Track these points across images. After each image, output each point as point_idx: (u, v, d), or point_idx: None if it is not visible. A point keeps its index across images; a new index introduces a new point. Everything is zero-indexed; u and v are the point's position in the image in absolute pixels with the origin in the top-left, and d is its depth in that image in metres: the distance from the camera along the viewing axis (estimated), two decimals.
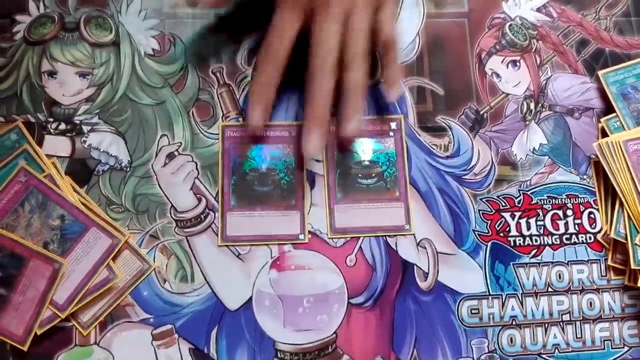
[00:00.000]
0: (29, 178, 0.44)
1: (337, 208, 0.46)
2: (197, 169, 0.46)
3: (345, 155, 0.47)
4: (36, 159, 0.45)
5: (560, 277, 0.46)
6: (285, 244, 0.45)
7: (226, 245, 0.45)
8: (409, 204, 0.46)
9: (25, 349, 0.42)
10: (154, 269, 0.44)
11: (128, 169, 0.46)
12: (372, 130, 0.48)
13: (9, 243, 0.43)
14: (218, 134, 0.47)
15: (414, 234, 0.46)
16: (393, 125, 0.48)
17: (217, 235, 0.45)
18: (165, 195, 0.46)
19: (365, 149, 0.47)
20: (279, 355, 0.44)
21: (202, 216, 0.46)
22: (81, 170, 0.46)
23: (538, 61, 0.51)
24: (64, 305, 0.42)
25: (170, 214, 0.45)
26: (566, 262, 0.47)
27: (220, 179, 0.46)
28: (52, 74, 0.48)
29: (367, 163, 0.47)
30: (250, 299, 0.44)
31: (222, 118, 0.48)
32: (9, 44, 0.48)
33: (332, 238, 0.45)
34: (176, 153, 0.47)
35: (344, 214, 0.46)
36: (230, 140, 0.47)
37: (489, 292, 0.46)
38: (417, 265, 0.46)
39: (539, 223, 0.47)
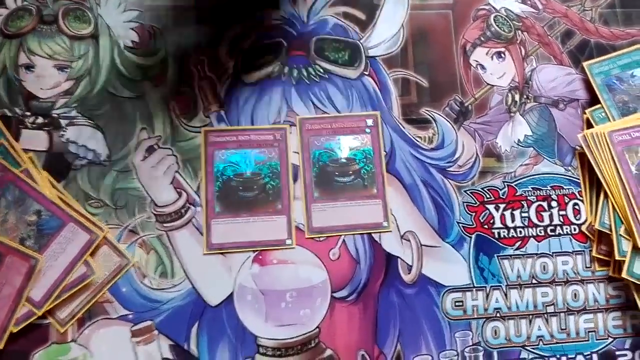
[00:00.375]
0: (5, 173, 0.43)
1: (315, 207, 0.45)
2: (177, 162, 0.46)
3: (321, 153, 0.46)
4: (13, 153, 0.44)
5: (544, 269, 0.46)
6: (272, 249, 0.44)
7: (212, 254, 0.44)
8: (388, 199, 0.46)
9: (0, 347, 0.41)
10: (133, 264, 0.44)
11: (107, 163, 0.45)
12: (349, 127, 0.47)
13: None
14: (199, 127, 0.47)
15: (397, 228, 0.46)
16: (370, 121, 0.47)
17: (202, 237, 0.44)
18: (145, 189, 0.45)
19: (342, 146, 0.47)
20: (261, 350, 0.43)
21: (183, 210, 0.45)
22: (59, 164, 0.45)
23: (523, 52, 0.51)
24: (41, 302, 0.41)
25: (150, 208, 0.45)
26: (551, 253, 0.47)
27: (204, 186, 0.45)
28: (29, 67, 0.47)
29: (344, 160, 0.46)
30: (232, 294, 0.44)
31: (202, 111, 0.47)
32: None
33: (310, 238, 0.45)
34: (156, 146, 0.46)
35: (321, 213, 0.45)
36: (214, 146, 0.46)
37: (473, 284, 0.46)
38: (401, 258, 0.46)
39: (523, 215, 0.47)
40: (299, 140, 0.46)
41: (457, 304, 0.45)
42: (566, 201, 0.48)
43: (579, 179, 0.48)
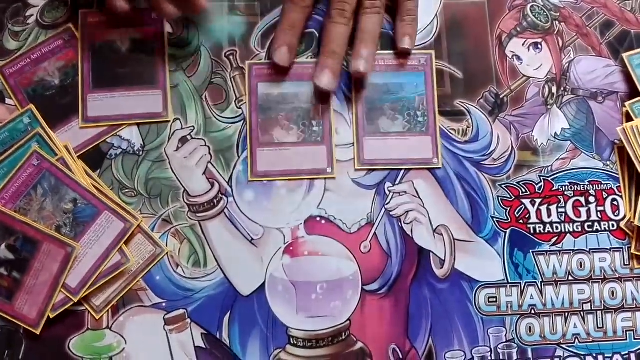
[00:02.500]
0: (41, 161, 0.44)
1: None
2: (210, 153, 0.46)
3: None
4: (49, 142, 0.45)
5: (581, 266, 0.45)
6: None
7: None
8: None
9: (38, 332, 0.42)
10: (167, 253, 0.44)
11: (141, 153, 0.46)
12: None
13: (22, 226, 0.43)
14: (231, 117, 0.47)
15: (429, 222, 0.45)
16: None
17: (234, 227, 0.45)
18: (178, 179, 0.45)
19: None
20: (292, 341, 0.43)
21: (215, 201, 0.45)
22: (94, 154, 0.46)
23: (560, 44, 0.50)
24: (77, 289, 0.42)
25: (183, 198, 0.45)
26: (588, 250, 0.46)
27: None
28: None
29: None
30: (263, 284, 0.44)
31: (235, 102, 0.47)
32: (22, 27, 0.48)
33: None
34: (189, 137, 0.46)
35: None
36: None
37: (507, 280, 0.45)
38: (433, 252, 0.45)
39: (560, 210, 0.46)
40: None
41: (490, 299, 0.44)
42: (604, 197, 0.47)
43: (617, 174, 0.47)
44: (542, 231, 0.46)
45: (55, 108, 0.46)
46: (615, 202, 0.47)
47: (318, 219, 0.45)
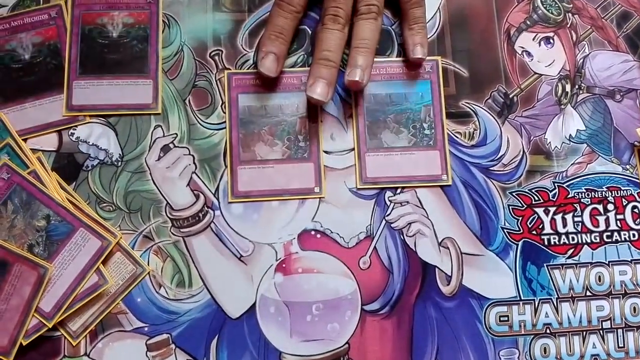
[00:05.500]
0: (11, 175, 0.41)
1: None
2: (194, 162, 0.43)
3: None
4: (20, 153, 0.42)
5: (600, 280, 0.43)
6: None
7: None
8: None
9: None
10: (149, 272, 0.41)
11: (119, 164, 0.43)
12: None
13: None
14: (217, 123, 0.43)
15: (434, 234, 0.42)
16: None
17: (221, 243, 0.42)
18: (160, 192, 0.42)
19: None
20: None
21: (200, 215, 0.42)
22: (69, 165, 0.43)
23: (574, 37, 0.47)
24: (51, 313, 0.39)
25: (166, 212, 0.42)
26: (607, 262, 0.43)
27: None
28: None
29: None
30: (254, 305, 0.41)
31: (221, 106, 0.44)
32: None
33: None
34: (171, 145, 0.43)
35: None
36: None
37: (519, 297, 0.42)
38: (438, 268, 0.42)
39: (576, 219, 0.43)
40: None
41: (502, 318, 0.42)
42: (624, 204, 0.44)
43: (638, 179, 0.44)
44: (557, 243, 0.43)
45: (14, 83, 0.43)
46: (635, 210, 0.44)
47: (313, 232, 0.42)
